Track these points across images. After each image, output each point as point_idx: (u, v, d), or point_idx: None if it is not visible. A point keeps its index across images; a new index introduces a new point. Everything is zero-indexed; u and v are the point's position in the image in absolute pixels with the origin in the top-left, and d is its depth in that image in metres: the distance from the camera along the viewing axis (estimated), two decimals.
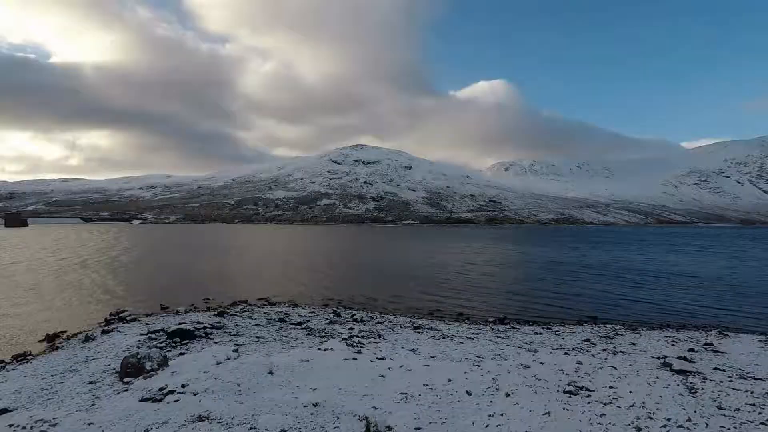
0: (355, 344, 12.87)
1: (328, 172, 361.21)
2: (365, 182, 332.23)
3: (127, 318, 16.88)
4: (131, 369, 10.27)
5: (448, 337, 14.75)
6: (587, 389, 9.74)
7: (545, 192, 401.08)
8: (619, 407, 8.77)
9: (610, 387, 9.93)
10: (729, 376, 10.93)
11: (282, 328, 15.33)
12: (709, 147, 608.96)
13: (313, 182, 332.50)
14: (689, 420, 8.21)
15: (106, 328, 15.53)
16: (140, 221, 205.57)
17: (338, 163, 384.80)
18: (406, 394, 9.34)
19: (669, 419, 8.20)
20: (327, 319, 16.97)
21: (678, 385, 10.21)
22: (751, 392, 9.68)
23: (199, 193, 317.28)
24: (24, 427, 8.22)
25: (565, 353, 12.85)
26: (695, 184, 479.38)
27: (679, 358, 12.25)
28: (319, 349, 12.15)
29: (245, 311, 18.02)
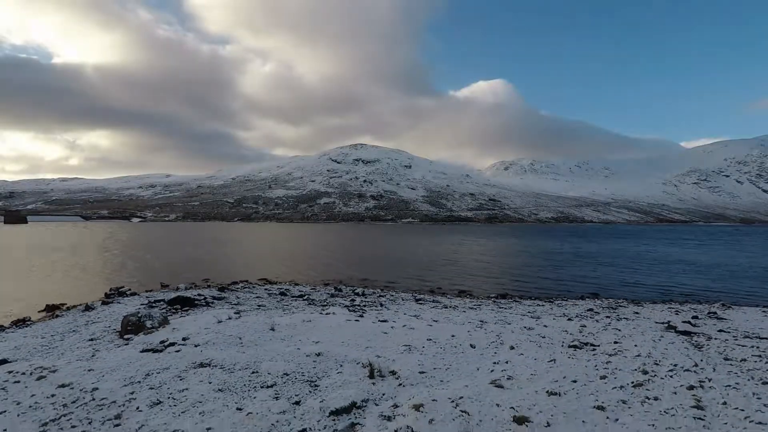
0: (357, 310, 12.79)
1: (328, 171, 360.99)
2: (365, 181, 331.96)
3: (127, 292, 16.78)
4: (131, 327, 10.18)
5: (450, 307, 14.67)
6: (592, 344, 9.66)
7: (545, 191, 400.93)
8: (625, 357, 8.69)
9: (615, 342, 9.85)
10: (734, 336, 10.86)
11: (283, 299, 15.24)
12: (708, 146, 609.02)
13: (313, 181, 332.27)
14: (696, 365, 8.13)
15: (106, 300, 15.45)
16: (140, 219, 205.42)
17: (338, 162, 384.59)
18: (409, 346, 9.25)
19: (675, 365, 8.12)
20: (328, 293, 16.89)
21: (683, 342, 10.13)
22: (757, 347, 9.60)
23: (199, 192, 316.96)
24: (24, 373, 8.13)
25: (569, 319, 12.77)
26: (695, 183, 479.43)
27: (683, 322, 12.17)
28: (321, 313, 12.07)
29: (246, 288, 17.93)
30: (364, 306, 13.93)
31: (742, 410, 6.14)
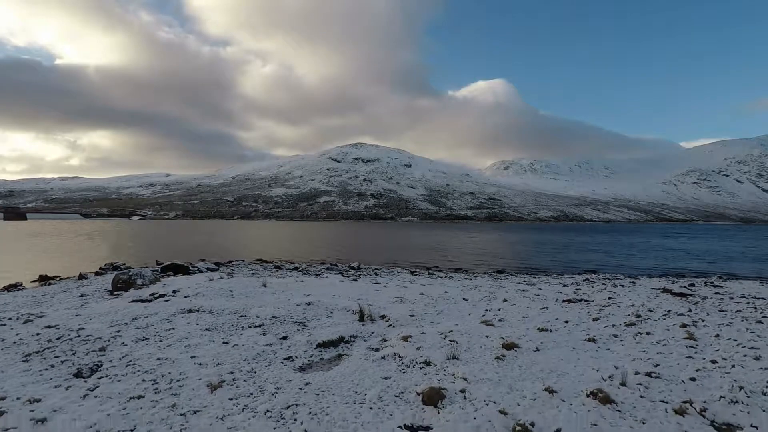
0: (351, 276, 12.71)
1: (328, 170, 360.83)
2: (365, 180, 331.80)
3: (121, 267, 16.69)
4: (122, 284, 10.10)
5: (445, 278, 14.59)
6: (586, 300, 9.57)
7: (545, 190, 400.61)
8: (618, 307, 8.61)
9: (609, 298, 9.76)
10: (730, 297, 10.76)
11: (277, 271, 15.16)
12: (708, 146, 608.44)
13: (313, 180, 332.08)
14: (690, 311, 8.05)
15: (99, 271, 15.37)
16: (139, 217, 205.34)
17: (338, 161, 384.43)
18: (401, 298, 9.17)
19: (669, 311, 8.04)
20: (324, 267, 16.79)
21: (679, 300, 10.04)
22: (753, 303, 9.51)
23: (199, 191, 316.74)
24: (10, 318, 8.05)
25: (564, 285, 12.69)
26: (695, 183, 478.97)
27: (681, 287, 12.09)
28: (314, 276, 11.99)
29: (241, 264, 17.85)
30: (359, 275, 13.85)
31: (735, 340, 6.06)
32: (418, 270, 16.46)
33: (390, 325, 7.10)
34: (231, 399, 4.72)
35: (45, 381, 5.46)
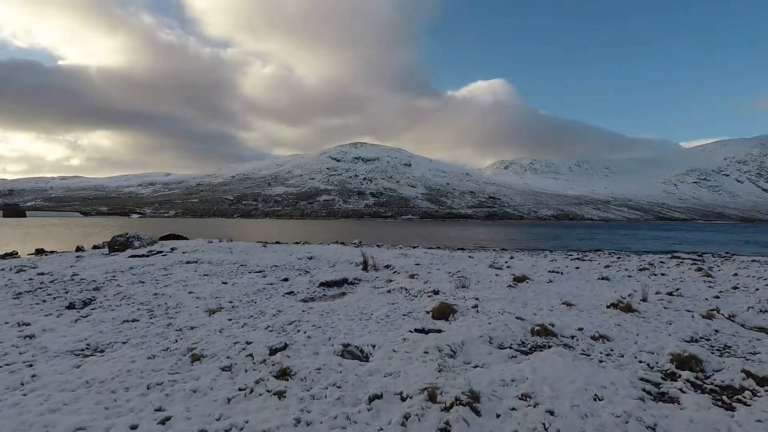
0: (354, 245, 12.48)
1: (328, 169, 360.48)
2: (365, 179, 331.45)
3: None
4: (119, 246, 9.87)
5: (449, 251, 14.38)
6: (594, 260, 9.35)
7: (545, 190, 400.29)
8: (629, 260, 8.39)
9: (618, 258, 9.54)
10: (741, 260, 10.53)
11: (279, 244, 14.96)
12: (708, 146, 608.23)
13: (313, 179, 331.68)
14: (703, 262, 7.83)
15: (97, 246, 15.14)
16: (139, 215, 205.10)
17: (338, 161, 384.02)
18: (405, 254, 8.96)
19: (682, 261, 7.82)
20: (333, 243, 16.59)
21: (690, 260, 9.82)
22: (764, 263, 9.29)
23: (199, 190, 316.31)
24: (2, 269, 7.81)
25: (569, 255, 12.46)
26: (695, 182, 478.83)
27: (689, 256, 11.87)
28: (317, 245, 11.77)
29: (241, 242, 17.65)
30: (362, 244, 13.64)
31: (755, 276, 5.84)
32: (419, 246, 16.27)
33: (395, 272, 6.87)
34: (230, 319, 4.49)
35: (35, 312, 5.22)
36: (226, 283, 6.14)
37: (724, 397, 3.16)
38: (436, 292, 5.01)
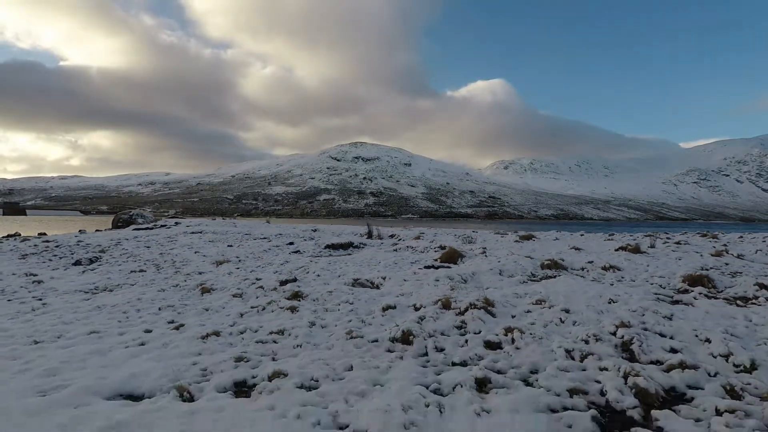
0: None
1: (328, 168, 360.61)
2: (365, 178, 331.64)
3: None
4: (122, 223, 9.88)
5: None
6: (593, 233, 9.36)
7: (545, 189, 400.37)
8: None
9: (632, 237, 9.57)
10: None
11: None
12: (708, 146, 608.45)
13: (313, 178, 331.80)
14: (718, 239, 7.84)
15: (99, 230, 15.16)
16: None
17: (338, 160, 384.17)
18: (407, 227, 8.98)
19: (706, 235, 7.83)
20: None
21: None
22: None
23: (199, 189, 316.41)
24: (6, 238, 7.82)
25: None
26: (695, 182, 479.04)
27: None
28: (322, 225, 11.79)
29: None
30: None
31: (760, 239, 5.85)
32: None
33: (400, 239, 6.88)
34: (238, 268, 4.51)
35: (42, 267, 5.23)
36: (231, 246, 6.16)
37: (738, 302, 3.21)
38: (443, 247, 5.03)
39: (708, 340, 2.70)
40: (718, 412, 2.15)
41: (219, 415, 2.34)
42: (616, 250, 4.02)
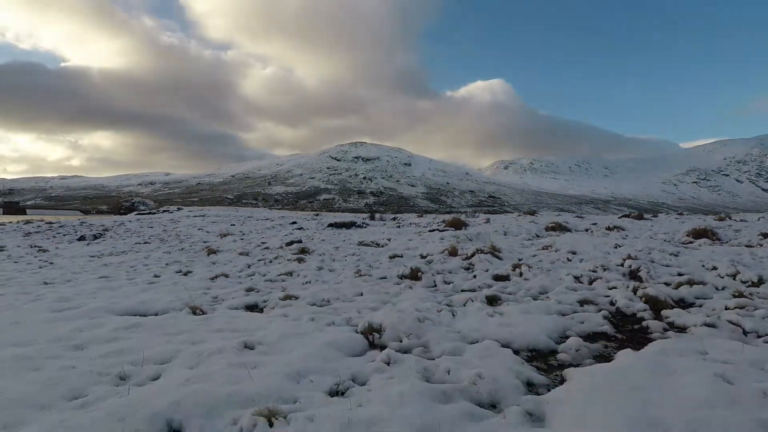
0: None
1: (328, 168, 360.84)
2: (365, 178, 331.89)
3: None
4: (124, 211, 9.93)
5: None
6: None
7: (545, 189, 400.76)
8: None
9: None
10: None
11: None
12: (708, 146, 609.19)
13: (313, 178, 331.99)
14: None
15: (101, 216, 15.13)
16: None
17: (338, 160, 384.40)
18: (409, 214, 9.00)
19: (706, 218, 7.84)
20: None
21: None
22: None
23: (199, 189, 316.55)
24: (10, 221, 7.85)
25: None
26: (694, 182, 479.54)
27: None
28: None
29: None
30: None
31: (764, 218, 5.87)
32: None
33: (402, 220, 6.90)
34: (242, 239, 4.55)
35: (46, 242, 5.28)
36: (234, 225, 6.20)
37: (743, 247, 3.27)
38: (446, 221, 5.05)
39: (715, 268, 2.76)
40: (728, 309, 2.24)
41: (233, 319, 2.43)
42: (620, 217, 4.05)
